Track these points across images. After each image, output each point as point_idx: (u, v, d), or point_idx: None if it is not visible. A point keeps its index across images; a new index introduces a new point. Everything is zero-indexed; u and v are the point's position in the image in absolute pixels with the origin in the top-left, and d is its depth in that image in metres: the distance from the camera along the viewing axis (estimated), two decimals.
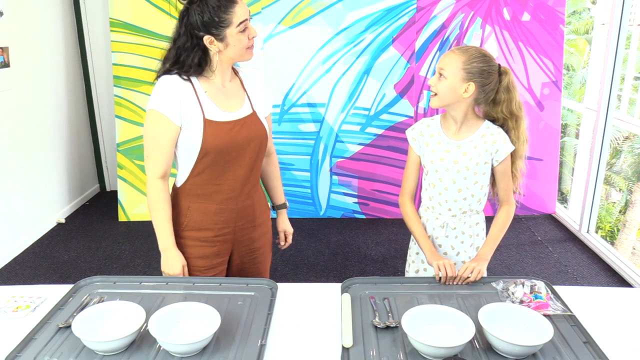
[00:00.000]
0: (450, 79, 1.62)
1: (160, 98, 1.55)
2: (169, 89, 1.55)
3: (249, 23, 1.55)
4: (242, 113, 1.64)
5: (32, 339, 1.28)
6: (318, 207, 4.24)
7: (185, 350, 1.20)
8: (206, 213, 1.67)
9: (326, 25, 3.92)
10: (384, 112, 4.07)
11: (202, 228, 1.68)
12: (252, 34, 1.57)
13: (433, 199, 1.78)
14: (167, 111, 1.54)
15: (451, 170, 1.72)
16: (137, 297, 1.46)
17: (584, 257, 3.58)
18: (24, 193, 3.69)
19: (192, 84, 1.59)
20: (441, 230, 1.79)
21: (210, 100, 1.60)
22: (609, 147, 3.77)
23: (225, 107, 1.62)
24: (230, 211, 1.69)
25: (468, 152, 1.70)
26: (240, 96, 1.67)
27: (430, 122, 1.78)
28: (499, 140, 1.69)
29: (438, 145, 1.73)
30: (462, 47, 1.66)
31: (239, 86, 1.69)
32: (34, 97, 3.81)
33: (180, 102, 1.55)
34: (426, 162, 1.77)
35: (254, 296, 1.49)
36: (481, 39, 3.97)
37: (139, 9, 3.96)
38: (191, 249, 1.69)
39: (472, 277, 1.56)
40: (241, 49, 1.57)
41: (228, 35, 1.53)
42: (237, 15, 1.51)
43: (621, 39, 3.50)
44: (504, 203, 1.78)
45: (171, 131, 1.57)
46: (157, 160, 1.60)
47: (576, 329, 1.34)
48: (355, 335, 1.30)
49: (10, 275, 3.29)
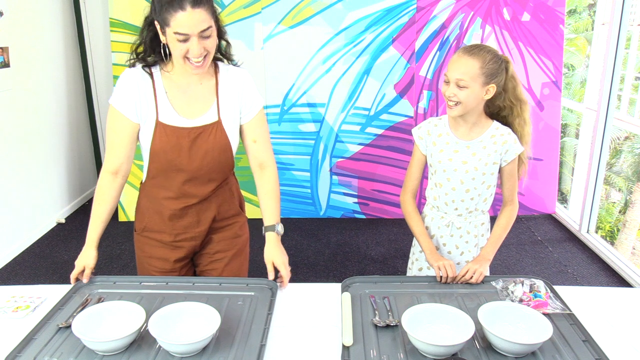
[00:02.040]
0: (472, 87, 1.58)
1: (118, 93, 1.50)
2: (127, 85, 1.49)
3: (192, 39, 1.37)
4: (203, 120, 1.51)
5: (32, 339, 1.28)
6: (318, 207, 4.24)
7: (185, 350, 1.20)
8: (162, 216, 1.61)
9: (326, 25, 3.92)
10: (384, 112, 4.07)
11: (160, 230, 1.63)
12: (191, 53, 1.39)
13: (439, 199, 1.77)
14: (123, 108, 1.50)
15: (459, 171, 1.70)
16: (137, 297, 1.46)
17: (583, 257, 3.58)
18: (24, 193, 3.69)
19: (153, 80, 1.49)
20: (446, 229, 1.78)
21: (169, 102, 1.49)
22: (609, 147, 3.77)
23: (185, 112, 1.50)
24: (188, 217, 1.61)
25: (477, 153, 1.69)
26: (207, 101, 1.53)
27: (438, 121, 1.76)
28: (509, 140, 1.68)
29: (446, 146, 1.72)
30: (470, 51, 1.60)
31: (210, 90, 1.54)
32: (34, 97, 3.81)
33: (137, 99, 1.49)
34: (433, 161, 1.75)
35: (254, 296, 1.49)
36: (481, 39, 3.97)
37: (139, 9, 3.96)
38: (152, 248, 1.66)
39: (474, 279, 1.56)
40: (178, 56, 1.42)
41: (167, 34, 1.40)
42: (176, 22, 1.35)
43: (621, 39, 3.50)
44: (508, 203, 1.77)
45: (127, 127, 1.51)
46: (110, 154, 1.55)
47: (575, 328, 1.34)
48: (356, 334, 1.30)
49: (10, 275, 3.29)
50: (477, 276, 1.56)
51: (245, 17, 3.89)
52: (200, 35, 1.38)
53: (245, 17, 3.89)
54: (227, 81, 1.56)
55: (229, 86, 1.56)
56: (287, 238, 3.74)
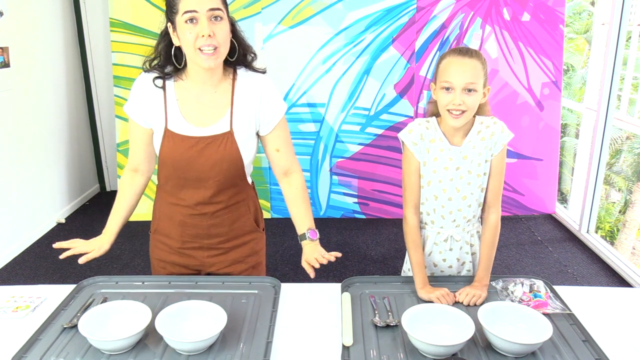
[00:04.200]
0: (479, 90, 1.46)
1: (130, 101, 1.51)
2: (138, 92, 1.49)
3: (199, 18, 1.34)
4: (214, 130, 1.46)
5: (37, 339, 1.28)
6: (318, 207, 4.24)
7: (192, 348, 1.21)
8: (172, 222, 1.60)
9: (326, 25, 3.92)
10: (384, 112, 4.07)
11: (168, 235, 1.62)
12: (201, 30, 1.34)
13: (435, 212, 1.60)
14: (133, 115, 1.51)
15: (455, 179, 1.55)
16: (140, 296, 1.46)
17: (583, 257, 3.58)
18: (24, 193, 3.69)
19: (165, 87, 1.47)
20: (444, 244, 1.63)
21: (179, 109, 1.46)
22: (609, 147, 3.78)
23: (195, 121, 1.46)
24: (196, 227, 1.58)
25: (468, 155, 1.54)
26: (220, 110, 1.48)
27: (427, 123, 1.58)
28: (497, 131, 1.53)
29: (441, 153, 1.55)
30: (464, 53, 1.49)
31: (225, 98, 1.49)
32: (34, 97, 3.81)
33: (146, 105, 1.48)
34: (426, 171, 1.57)
35: (257, 294, 1.49)
36: (481, 39, 3.97)
37: (139, 9, 3.96)
38: (160, 251, 1.65)
39: (473, 302, 1.45)
40: (190, 48, 1.37)
41: (177, 24, 1.37)
42: (183, 2, 1.34)
43: (621, 39, 3.50)
44: (492, 206, 1.58)
45: (140, 132, 1.53)
46: (130, 154, 1.60)
47: (575, 328, 1.34)
48: (356, 334, 1.30)
49: (10, 275, 3.29)
50: (475, 300, 1.46)
51: (245, 17, 3.90)
52: (209, 16, 1.35)
53: (245, 17, 3.89)
54: (245, 89, 1.50)
55: (246, 94, 1.50)
56: (287, 238, 3.74)
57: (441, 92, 1.48)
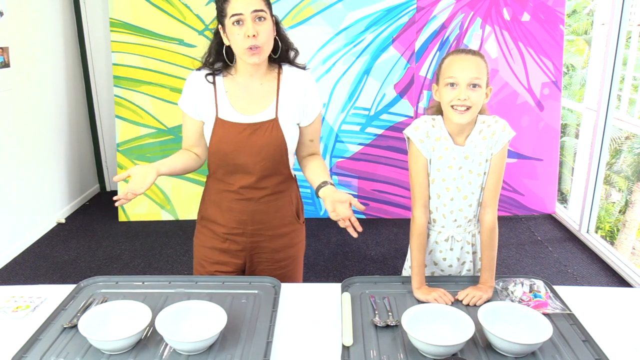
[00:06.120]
0: (483, 87, 1.47)
1: (183, 96, 1.64)
2: (189, 87, 1.62)
3: (245, 19, 1.46)
4: (261, 117, 1.58)
5: (37, 339, 1.28)
6: (318, 207, 4.24)
7: (192, 348, 1.21)
8: (219, 208, 1.69)
9: (326, 25, 3.93)
10: (384, 112, 4.07)
11: (214, 221, 1.71)
12: (246, 31, 1.46)
13: (437, 211, 1.61)
14: (185, 108, 1.63)
15: (457, 178, 1.56)
16: (140, 296, 1.46)
17: (583, 257, 3.58)
18: (24, 193, 3.69)
19: (215, 81, 1.60)
20: (445, 244, 1.63)
21: (228, 100, 1.59)
22: (608, 147, 3.78)
23: (243, 109, 1.59)
24: (241, 212, 1.67)
25: (470, 154, 1.54)
26: (267, 99, 1.60)
27: (432, 121, 1.57)
28: (498, 129, 1.53)
29: (445, 152, 1.55)
30: (467, 51, 1.50)
31: (271, 89, 1.61)
32: (34, 97, 3.81)
33: (197, 99, 1.60)
34: (431, 169, 1.57)
35: (257, 294, 1.50)
36: (481, 39, 3.97)
37: (139, 9, 3.97)
38: (204, 236, 1.74)
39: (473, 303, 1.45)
40: (239, 48, 1.50)
41: (226, 26, 1.50)
42: (231, 6, 1.48)
43: (621, 39, 3.50)
44: (487, 206, 1.56)
45: (192, 124, 1.65)
46: (184, 139, 1.70)
47: (575, 328, 1.34)
48: (356, 334, 1.31)
49: (10, 275, 3.29)
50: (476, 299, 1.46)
51: None
52: (253, 17, 1.47)
53: None
54: (290, 82, 1.63)
55: (291, 87, 1.62)
56: None
57: (445, 89, 1.48)
